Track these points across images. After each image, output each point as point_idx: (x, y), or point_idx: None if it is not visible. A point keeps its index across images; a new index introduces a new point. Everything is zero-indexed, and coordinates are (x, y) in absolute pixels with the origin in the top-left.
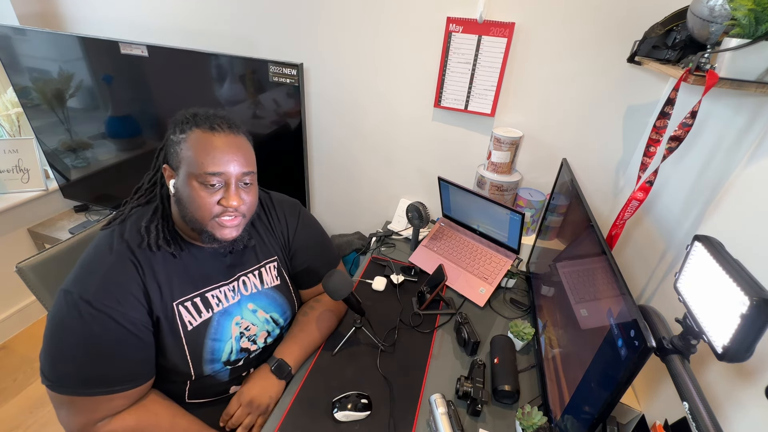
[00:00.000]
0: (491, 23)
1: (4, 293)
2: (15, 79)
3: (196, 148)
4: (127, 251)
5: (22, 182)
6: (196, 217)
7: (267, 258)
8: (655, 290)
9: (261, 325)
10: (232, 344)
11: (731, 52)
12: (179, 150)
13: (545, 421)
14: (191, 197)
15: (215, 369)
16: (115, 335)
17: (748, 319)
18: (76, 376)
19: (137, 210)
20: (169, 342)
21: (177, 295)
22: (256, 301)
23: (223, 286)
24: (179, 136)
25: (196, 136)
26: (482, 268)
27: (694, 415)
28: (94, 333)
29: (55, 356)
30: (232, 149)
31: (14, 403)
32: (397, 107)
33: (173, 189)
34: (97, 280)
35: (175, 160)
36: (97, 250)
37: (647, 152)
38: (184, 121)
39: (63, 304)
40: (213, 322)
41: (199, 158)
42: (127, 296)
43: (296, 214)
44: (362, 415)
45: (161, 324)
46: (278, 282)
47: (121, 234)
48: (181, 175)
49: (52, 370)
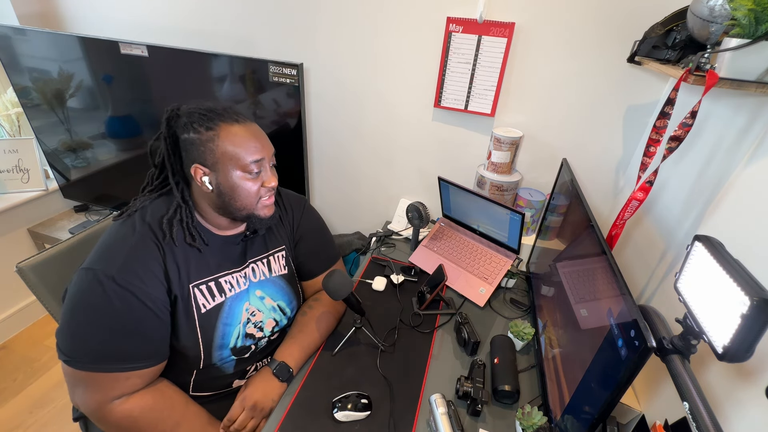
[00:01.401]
0: (491, 23)
1: (4, 293)
2: (15, 79)
3: (233, 142)
4: (150, 232)
5: (22, 182)
6: (245, 204)
7: (275, 246)
8: (655, 290)
9: (267, 313)
10: (239, 329)
11: (731, 52)
12: (213, 147)
13: (545, 421)
14: (238, 188)
15: (222, 356)
16: (136, 312)
17: (748, 319)
18: (96, 351)
19: (149, 204)
20: (183, 323)
21: (193, 278)
22: (264, 288)
23: (235, 272)
24: (206, 134)
25: (227, 130)
26: (482, 268)
27: (694, 415)
28: (116, 309)
29: (75, 332)
30: (259, 135)
31: (14, 403)
32: (397, 107)
33: (210, 186)
34: (120, 257)
35: (209, 158)
36: (119, 231)
37: (647, 152)
38: (202, 119)
39: (85, 281)
40: (225, 307)
41: (241, 149)
42: (149, 274)
43: (302, 206)
44: (362, 415)
45: (177, 304)
46: (286, 271)
47: (143, 217)
48: (222, 170)
49: (71, 346)
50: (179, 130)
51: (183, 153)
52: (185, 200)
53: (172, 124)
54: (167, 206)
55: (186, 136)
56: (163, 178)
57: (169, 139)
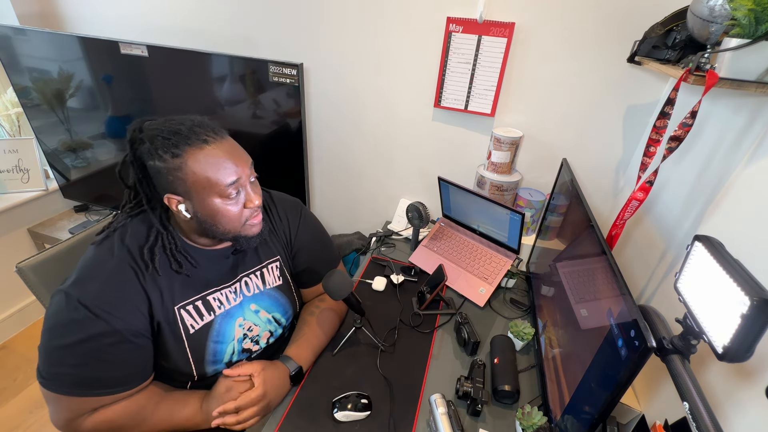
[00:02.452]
0: (491, 23)
1: (4, 293)
2: (15, 79)
3: (203, 168)
4: (128, 256)
5: (22, 182)
6: (228, 229)
7: (269, 258)
8: (655, 290)
9: (263, 326)
10: (234, 346)
11: (731, 52)
12: (181, 176)
13: (545, 421)
14: (219, 213)
15: (217, 369)
16: (111, 340)
17: (748, 319)
18: (69, 377)
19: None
20: (171, 345)
21: (178, 299)
22: (259, 301)
23: (224, 288)
24: (172, 161)
25: (195, 156)
26: (482, 268)
27: (694, 415)
28: (91, 337)
29: (50, 355)
30: (232, 153)
31: (14, 403)
32: (397, 107)
33: (188, 214)
34: (96, 284)
35: (181, 187)
36: (97, 253)
37: (647, 152)
38: (166, 144)
39: (63, 306)
40: (215, 325)
41: (213, 176)
42: (126, 303)
43: (298, 213)
44: (362, 415)
45: (162, 328)
46: (280, 282)
47: (122, 239)
48: (197, 198)
49: (46, 369)
50: (144, 156)
51: (153, 179)
52: (165, 227)
53: (136, 147)
54: (147, 227)
55: (151, 163)
56: (139, 199)
57: (136, 164)
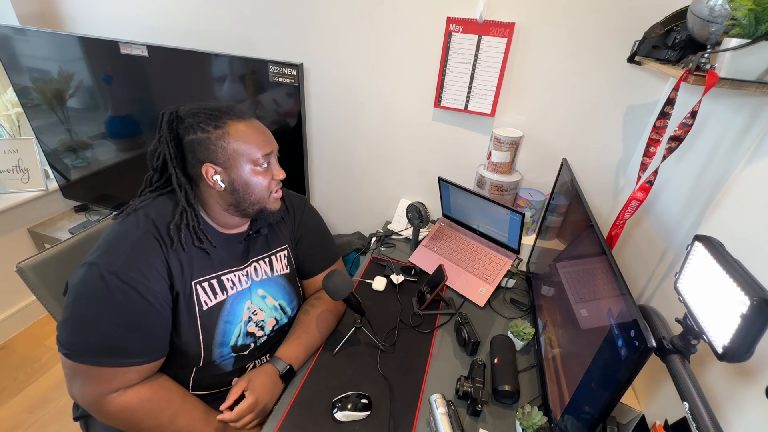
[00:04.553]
0: (491, 23)
1: (4, 293)
2: (15, 79)
3: (244, 138)
4: (153, 228)
5: (22, 182)
6: (259, 198)
7: (278, 246)
8: (655, 290)
9: (269, 312)
10: (240, 328)
11: (731, 52)
12: (224, 144)
13: (545, 421)
14: (253, 183)
15: (222, 354)
16: (138, 307)
17: (748, 319)
18: (96, 346)
19: (151, 201)
20: (185, 320)
21: (196, 275)
22: (266, 287)
23: (237, 270)
24: (215, 132)
25: (236, 128)
26: (482, 268)
27: (694, 415)
28: (118, 304)
29: (76, 326)
30: (264, 130)
31: (14, 403)
32: (397, 107)
33: (223, 183)
34: (123, 253)
35: (221, 155)
36: (122, 227)
37: (647, 152)
38: (209, 118)
39: (89, 276)
40: (227, 305)
41: (251, 144)
42: (152, 270)
43: (302, 205)
44: (362, 415)
45: (179, 301)
46: (287, 270)
47: (147, 214)
48: (234, 166)
49: (72, 339)
50: (183, 131)
51: (189, 155)
52: (190, 204)
53: (174, 126)
54: (171, 205)
55: (193, 137)
56: (164, 181)
57: (171, 142)
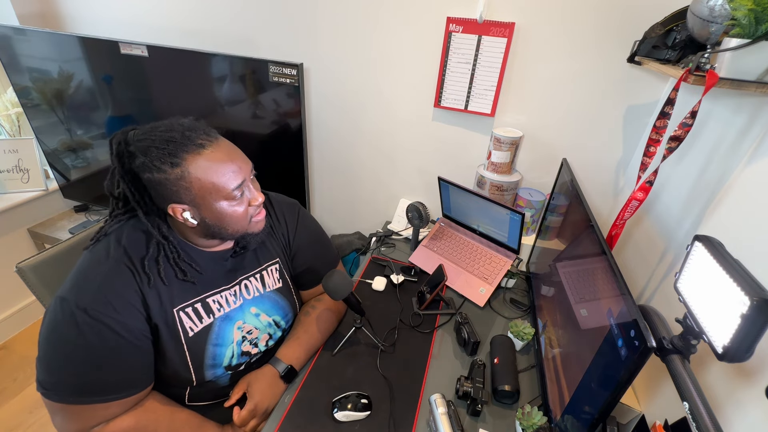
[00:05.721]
0: (491, 23)
1: (4, 293)
2: (15, 79)
3: (207, 174)
4: (124, 257)
5: (22, 182)
6: (237, 229)
7: (268, 260)
8: (655, 290)
9: (263, 329)
10: (233, 349)
11: (731, 52)
12: (186, 184)
13: (545, 421)
14: (227, 216)
15: (216, 374)
16: (112, 344)
17: (748, 319)
18: (72, 384)
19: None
20: (170, 348)
21: (177, 302)
22: (259, 304)
23: (224, 290)
24: (173, 171)
25: (196, 164)
26: (482, 268)
27: (694, 415)
28: (90, 342)
29: (50, 364)
30: (232, 155)
31: (14, 403)
32: (397, 107)
33: (194, 220)
34: (93, 287)
35: (186, 196)
36: (92, 256)
37: (647, 152)
38: (162, 155)
39: (59, 312)
40: (214, 328)
41: (218, 181)
42: (125, 304)
43: (295, 214)
44: (362, 415)
45: (161, 331)
46: (280, 284)
47: (118, 240)
48: (204, 204)
49: (48, 378)
50: (137, 168)
51: (151, 191)
52: (165, 237)
53: (125, 161)
54: (144, 235)
55: (149, 176)
56: (130, 206)
57: (127, 178)
